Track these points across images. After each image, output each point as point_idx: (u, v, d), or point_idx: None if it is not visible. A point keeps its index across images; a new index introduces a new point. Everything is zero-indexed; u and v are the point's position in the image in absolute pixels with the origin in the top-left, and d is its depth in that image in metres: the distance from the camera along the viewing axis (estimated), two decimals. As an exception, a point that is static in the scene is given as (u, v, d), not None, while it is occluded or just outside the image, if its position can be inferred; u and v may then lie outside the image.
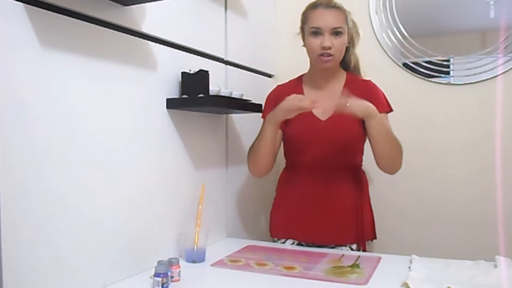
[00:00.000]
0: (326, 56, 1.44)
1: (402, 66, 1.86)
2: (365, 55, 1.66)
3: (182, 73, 1.34)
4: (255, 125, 1.60)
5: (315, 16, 1.46)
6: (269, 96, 1.62)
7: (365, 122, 1.39)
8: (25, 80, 0.88)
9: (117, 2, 1.09)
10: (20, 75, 0.87)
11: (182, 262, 1.24)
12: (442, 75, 1.82)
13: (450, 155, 1.80)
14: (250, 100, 1.49)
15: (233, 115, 1.69)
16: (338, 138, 1.46)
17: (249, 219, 1.81)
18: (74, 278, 0.99)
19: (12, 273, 0.85)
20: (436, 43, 1.83)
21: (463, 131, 1.78)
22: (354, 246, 1.50)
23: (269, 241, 1.61)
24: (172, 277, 1.09)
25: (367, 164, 1.56)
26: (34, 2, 0.90)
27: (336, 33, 1.43)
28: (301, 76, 1.62)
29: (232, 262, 1.29)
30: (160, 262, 1.06)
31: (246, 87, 1.69)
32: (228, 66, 1.64)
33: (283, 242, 1.57)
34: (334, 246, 1.50)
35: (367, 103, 1.36)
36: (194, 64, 1.39)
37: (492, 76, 1.73)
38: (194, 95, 1.30)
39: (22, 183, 0.87)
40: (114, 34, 1.11)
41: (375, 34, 1.88)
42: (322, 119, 1.48)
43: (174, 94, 1.34)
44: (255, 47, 1.88)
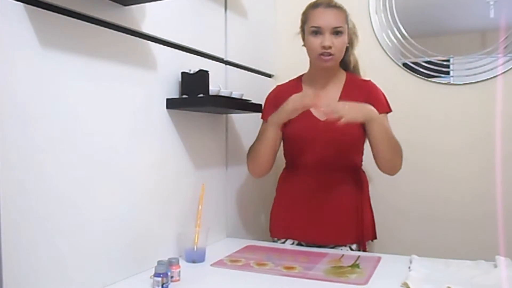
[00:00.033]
0: (326, 55, 1.44)
1: (402, 66, 1.86)
2: (365, 55, 1.66)
3: (182, 73, 1.34)
4: (255, 125, 1.61)
5: (316, 15, 1.46)
6: (268, 96, 1.62)
7: (365, 124, 1.39)
8: (25, 80, 0.88)
9: (117, 2, 1.09)
10: (20, 75, 0.87)
11: (182, 262, 1.24)
12: (442, 75, 1.82)
13: (450, 155, 1.80)
14: (250, 100, 1.49)
15: (233, 115, 1.69)
16: (337, 138, 1.45)
17: (249, 219, 1.81)
18: (74, 278, 0.99)
19: (12, 273, 0.85)
20: (436, 43, 1.83)
21: (463, 131, 1.78)
22: (354, 246, 1.50)
23: (269, 241, 1.61)
24: (172, 277, 1.09)
25: (367, 164, 1.56)
26: (34, 2, 0.90)
27: (336, 32, 1.44)
28: (300, 76, 1.62)
29: (232, 262, 1.29)
30: (160, 262, 1.07)
31: (246, 87, 1.69)
32: (228, 66, 1.64)
33: (283, 242, 1.57)
34: (334, 246, 1.50)
35: (367, 107, 1.36)
36: (194, 64, 1.39)
37: (492, 76, 1.73)
38: (194, 95, 1.30)
39: (22, 183, 0.87)
40: (114, 34, 1.11)
41: (375, 34, 1.88)
42: (322, 119, 1.48)
43: (174, 94, 1.34)
44: (255, 47, 1.88)
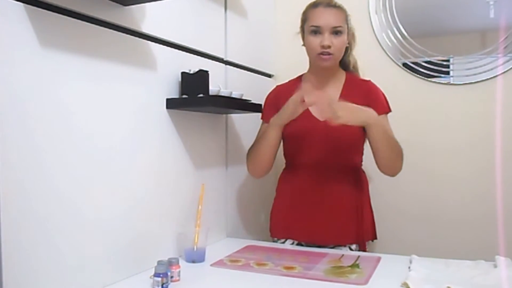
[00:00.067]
0: (326, 54, 1.44)
1: (402, 66, 1.86)
2: (365, 55, 1.66)
3: (182, 73, 1.34)
4: (255, 125, 1.61)
5: (315, 15, 1.46)
6: (268, 96, 1.62)
7: (364, 127, 1.39)
8: (25, 80, 0.88)
9: (117, 2, 1.09)
10: (20, 75, 0.87)
11: (182, 262, 1.24)
12: (442, 75, 1.82)
13: (450, 155, 1.80)
14: (250, 100, 1.49)
15: (233, 115, 1.69)
16: (337, 138, 1.45)
17: (249, 219, 1.81)
18: (74, 278, 0.99)
19: (12, 273, 0.85)
20: (436, 43, 1.83)
21: (463, 131, 1.78)
22: (353, 246, 1.50)
23: (269, 241, 1.61)
24: (172, 277, 1.09)
25: (367, 164, 1.56)
26: (34, 2, 0.90)
27: (335, 32, 1.44)
28: (300, 76, 1.62)
29: (232, 262, 1.29)
30: (160, 262, 1.07)
31: (246, 87, 1.69)
32: (228, 66, 1.64)
33: (283, 242, 1.57)
34: (333, 246, 1.50)
35: (366, 112, 1.34)
36: (194, 64, 1.39)
37: (492, 76, 1.73)
38: (194, 95, 1.30)
39: (22, 183, 0.87)
40: (114, 34, 1.11)
41: (375, 34, 1.88)
42: (321, 120, 1.48)
43: (174, 94, 1.34)
44: (255, 47, 1.88)
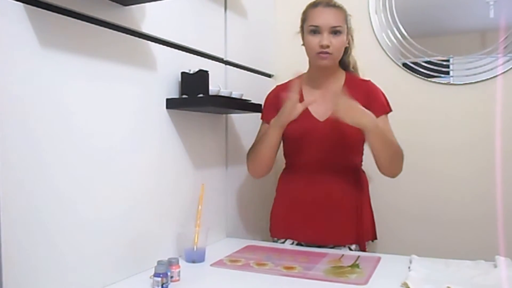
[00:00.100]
0: (324, 54, 1.44)
1: (401, 66, 1.86)
2: (364, 55, 1.66)
3: (182, 73, 1.34)
4: (255, 125, 1.61)
5: (315, 14, 1.46)
6: (268, 96, 1.62)
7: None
8: (25, 80, 0.88)
9: (117, 2, 1.09)
10: (20, 75, 0.87)
11: (182, 262, 1.25)
12: (442, 75, 1.82)
13: (450, 155, 1.80)
14: (250, 100, 1.49)
15: (233, 115, 1.69)
16: (337, 138, 1.45)
17: (249, 219, 1.81)
18: (74, 278, 0.99)
19: (12, 273, 0.85)
20: (436, 43, 1.83)
21: (463, 131, 1.78)
22: (353, 247, 1.50)
23: (269, 241, 1.61)
24: (172, 277, 1.09)
25: (367, 164, 1.56)
26: (34, 2, 0.90)
27: (335, 32, 1.43)
28: (300, 76, 1.61)
29: (231, 262, 1.29)
30: (160, 262, 1.07)
31: (246, 87, 1.69)
32: (227, 66, 1.64)
33: (283, 242, 1.57)
34: (333, 246, 1.50)
35: (366, 118, 1.32)
36: (194, 64, 1.39)
37: (492, 76, 1.73)
38: (193, 95, 1.30)
39: (22, 183, 0.87)
40: (114, 34, 1.11)
41: (375, 34, 1.88)
42: (321, 120, 1.48)
43: (174, 94, 1.34)
44: (255, 47, 1.88)
